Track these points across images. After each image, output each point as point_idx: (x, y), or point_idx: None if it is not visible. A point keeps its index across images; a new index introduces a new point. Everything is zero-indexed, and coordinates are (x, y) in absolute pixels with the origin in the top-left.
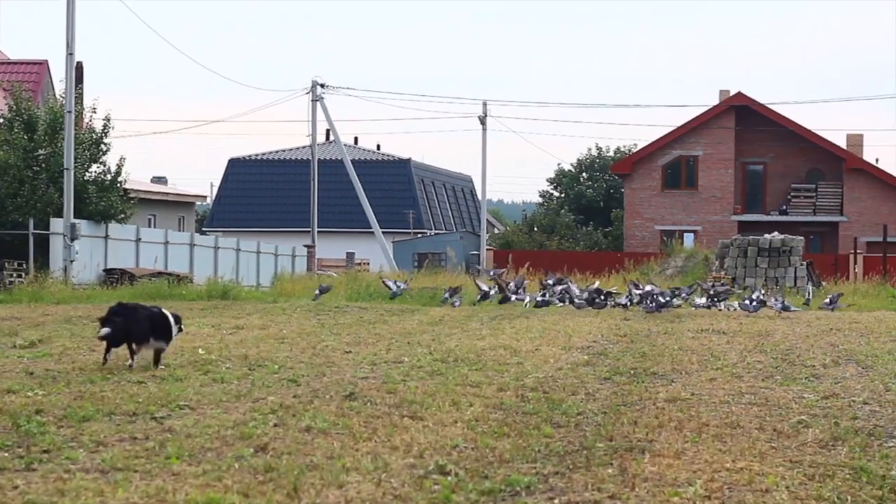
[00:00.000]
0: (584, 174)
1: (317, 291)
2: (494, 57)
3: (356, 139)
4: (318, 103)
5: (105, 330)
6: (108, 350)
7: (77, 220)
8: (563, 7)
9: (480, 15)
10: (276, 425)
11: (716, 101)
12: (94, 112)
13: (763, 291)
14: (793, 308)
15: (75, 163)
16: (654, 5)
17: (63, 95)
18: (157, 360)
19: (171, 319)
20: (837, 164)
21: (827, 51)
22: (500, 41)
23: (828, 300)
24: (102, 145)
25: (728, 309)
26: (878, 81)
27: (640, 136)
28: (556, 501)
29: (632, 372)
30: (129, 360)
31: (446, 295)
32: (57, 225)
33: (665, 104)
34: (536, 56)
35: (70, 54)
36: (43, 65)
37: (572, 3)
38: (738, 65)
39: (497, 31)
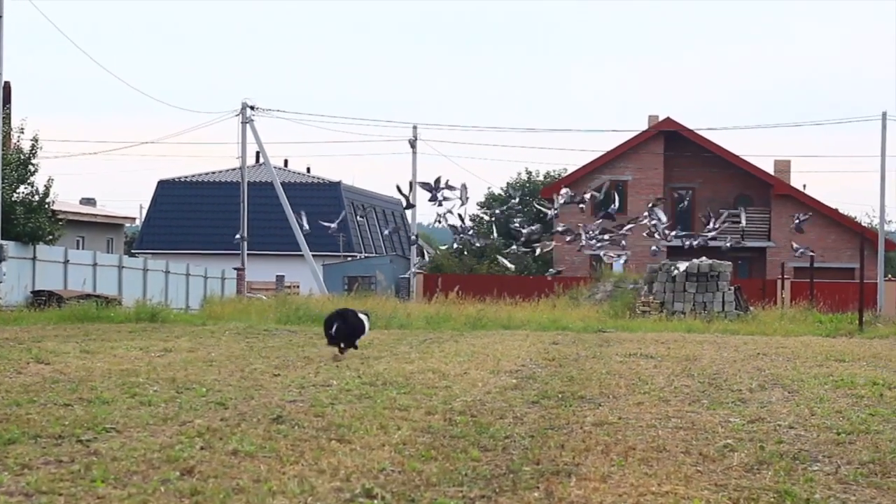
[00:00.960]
0: (514, 198)
1: None
2: (425, 80)
3: (286, 162)
4: (247, 125)
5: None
6: (338, 345)
7: (4, 242)
8: (493, 32)
9: (411, 39)
10: (202, 448)
11: (645, 127)
12: (22, 132)
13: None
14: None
15: (2, 183)
16: (583, 30)
17: None
18: (355, 346)
19: (366, 318)
20: (765, 189)
21: (755, 77)
22: (431, 65)
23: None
24: (30, 166)
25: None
26: (806, 108)
27: (569, 160)
28: None
29: (560, 396)
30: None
31: None
32: None
33: (594, 129)
34: (467, 80)
35: None
36: None
37: (501, 29)
38: (668, 90)
39: (427, 54)
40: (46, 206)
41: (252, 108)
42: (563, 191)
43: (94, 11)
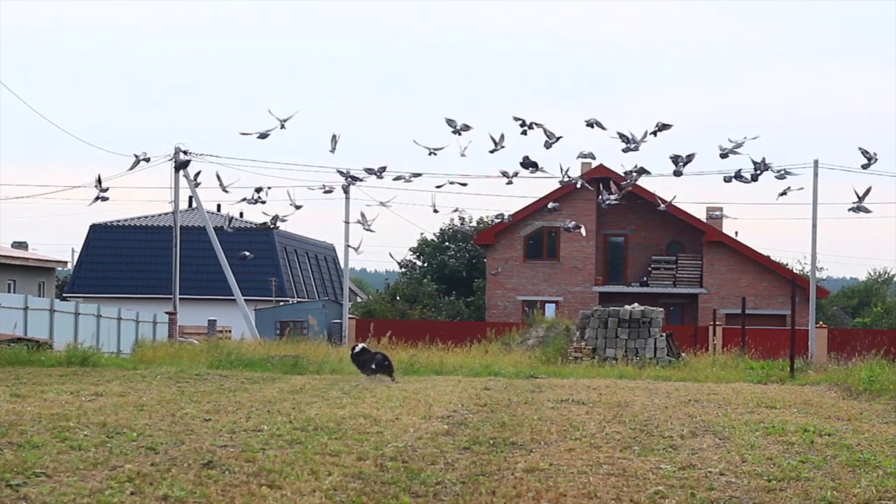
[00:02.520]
0: (447, 243)
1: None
2: (357, 126)
3: (219, 206)
4: (179, 170)
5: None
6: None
7: None
8: (425, 77)
9: (346, 86)
10: (132, 493)
11: (578, 174)
12: None
13: None
14: None
15: None
16: (514, 76)
17: None
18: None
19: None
20: (698, 236)
21: (687, 124)
22: (363, 111)
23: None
24: None
25: None
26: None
27: (503, 206)
28: None
29: (491, 442)
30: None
31: None
32: None
33: (527, 175)
34: (398, 125)
35: None
36: None
37: (433, 74)
38: (601, 137)
39: (360, 101)
40: None
41: (185, 152)
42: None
43: (26, 55)
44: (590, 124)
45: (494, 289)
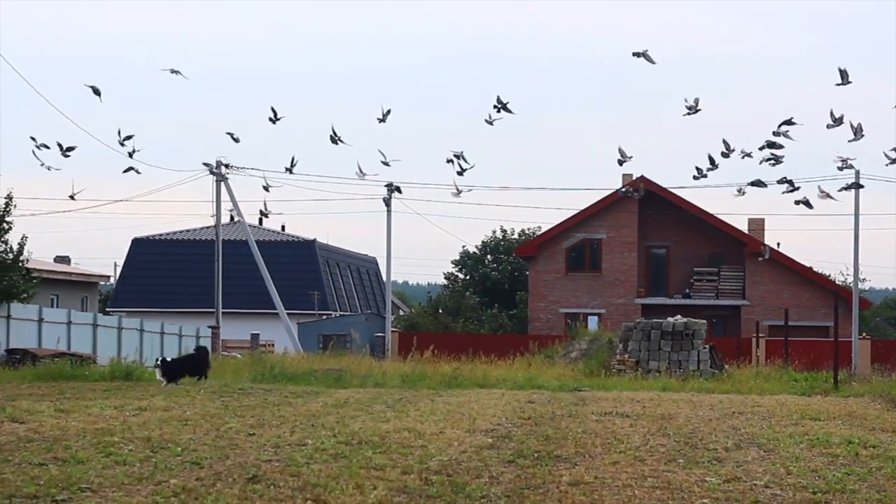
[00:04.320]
0: (488, 256)
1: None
2: (399, 138)
3: (261, 220)
4: (221, 183)
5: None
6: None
7: None
8: (465, 89)
9: (385, 96)
10: None
11: (619, 185)
12: None
13: None
14: None
15: None
16: (557, 89)
17: None
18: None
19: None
20: (739, 248)
21: (728, 136)
22: (406, 122)
23: None
24: (4, 224)
25: None
26: (781, 167)
27: (544, 218)
28: None
29: (536, 455)
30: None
31: None
32: None
33: (569, 187)
34: (440, 138)
35: None
36: None
37: (474, 87)
38: (643, 149)
39: (401, 111)
40: (20, 264)
41: (226, 165)
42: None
43: (67, 70)
44: (637, 55)
45: (537, 301)
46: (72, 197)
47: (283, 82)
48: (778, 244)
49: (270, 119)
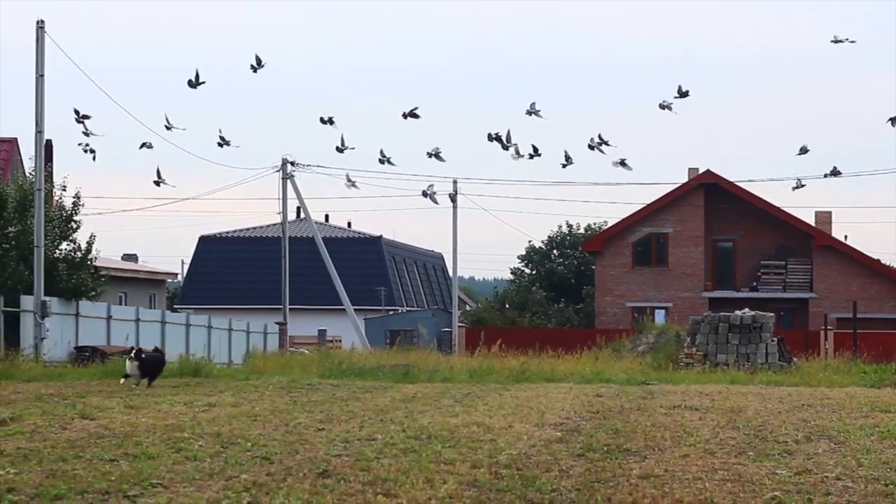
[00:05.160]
0: (554, 251)
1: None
2: (464, 134)
3: (327, 217)
4: (288, 181)
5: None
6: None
7: (48, 298)
8: (531, 84)
9: (449, 92)
10: (249, 503)
11: (685, 179)
12: (64, 190)
13: None
14: None
15: (45, 240)
16: (622, 83)
17: (32, 173)
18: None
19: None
20: (807, 241)
21: (795, 129)
22: (470, 118)
23: None
24: (72, 223)
25: None
26: (846, 160)
27: (610, 213)
28: None
29: (605, 448)
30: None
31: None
32: (27, 302)
33: (635, 182)
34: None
35: (39, 132)
36: (12, 143)
37: (541, 81)
38: (708, 142)
39: (466, 107)
40: (89, 262)
41: (292, 163)
42: None
43: (133, 68)
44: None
45: (603, 296)
46: (157, 183)
47: (349, 79)
48: (846, 237)
49: (322, 120)
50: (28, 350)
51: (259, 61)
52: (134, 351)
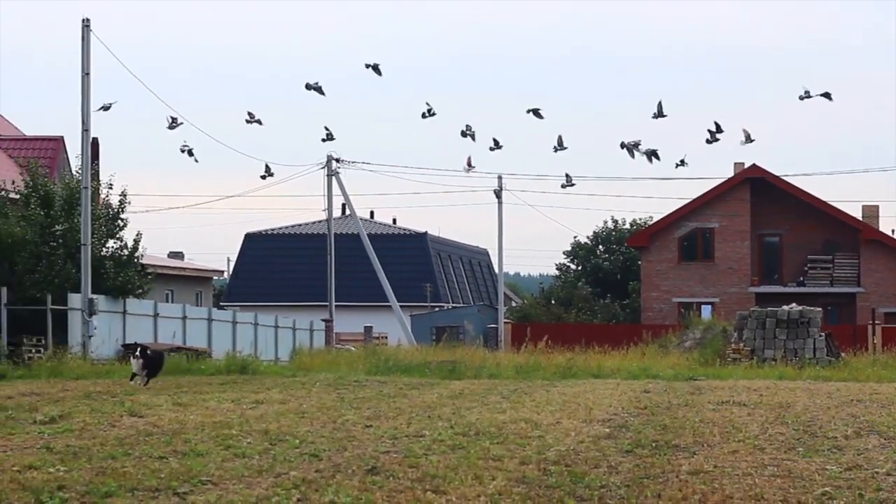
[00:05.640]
0: (600, 247)
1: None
2: (509, 130)
3: (372, 213)
4: (333, 178)
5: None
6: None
7: (95, 296)
8: (578, 79)
9: (492, 90)
10: (299, 500)
11: (731, 174)
12: (111, 188)
13: None
14: None
15: (92, 238)
16: (667, 78)
17: (79, 171)
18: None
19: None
20: (853, 235)
21: (841, 123)
22: (514, 114)
23: None
24: (119, 221)
25: None
26: (893, 153)
27: (656, 208)
28: None
29: (654, 444)
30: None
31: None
32: (75, 300)
33: (680, 177)
34: (551, 129)
35: (85, 130)
36: (59, 141)
37: (585, 76)
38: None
39: (509, 103)
40: (135, 260)
41: (337, 160)
42: None
43: (178, 67)
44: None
45: (650, 291)
46: (170, 127)
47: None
48: (893, 231)
49: (308, 86)
50: (76, 348)
51: (320, 89)
52: (139, 349)
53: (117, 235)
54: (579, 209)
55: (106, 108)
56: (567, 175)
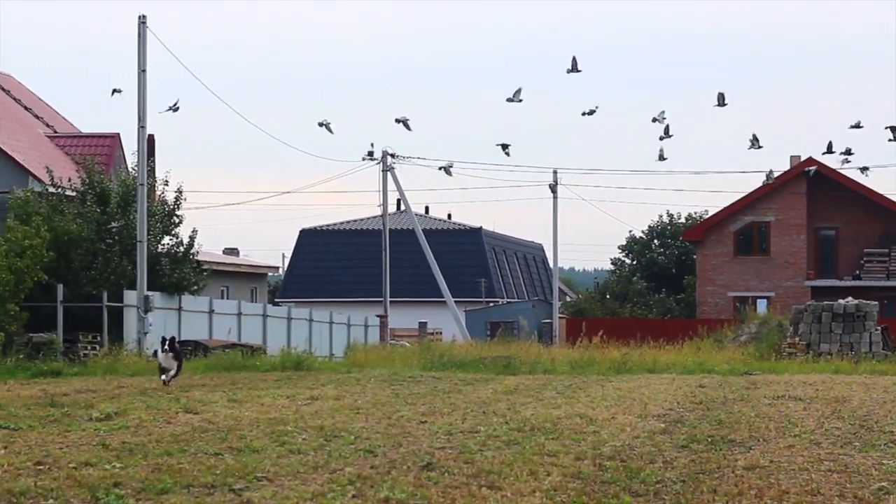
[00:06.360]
0: (655, 241)
1: None
2: (564, 124)
3: (427, 208)
4: (388, 173)
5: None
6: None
7: (150, 293)
8: (632, 74)
9: (548, 84)
10: (354, 496)
11: (787, 167)
12: (166, 184)
13: None
14: None
15: (148, 235)
16: (723, 73)
17: (135, 168)
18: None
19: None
20: None
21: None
22: (569, 109)
23: None
24: (175, 217)
25: None
26: None
27: (710, 202)
28: None
29: (709, 440)
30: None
31: None
32: (131, 297)
33: (736, 170)
34: (606, 123)
35: (142, 127)
36: (115, 138)
37: (639, 70)
38: (809, 130)
39: (565, 97)
40: (191, 256)
41: (392, 155)
42: None
43: (234, 64)
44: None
45: (705, 285)
46: (172, 110)
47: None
48: None
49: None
50: (132, 344)
51: (406, 124)
52: (168, 342)
53: (173, 232)
54: (634, 203)
55: (174, 108)
56: (573, 59)
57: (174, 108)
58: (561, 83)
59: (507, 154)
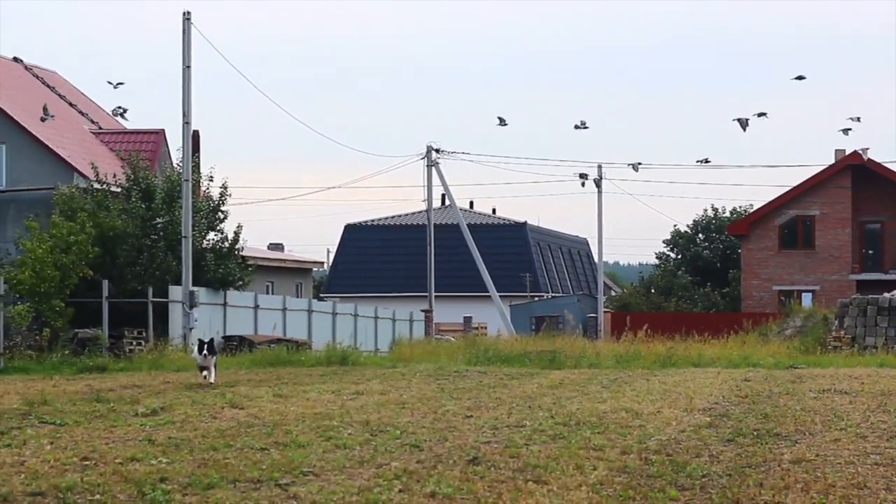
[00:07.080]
0: (700, 235)
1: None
2: (608, 118)
3: (472, 203)
4: (433, 168)
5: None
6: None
7: (196, 288)
8: (674, 69)
9: (592, 80)
10: (400, 491)
11: (832, 161)
12: (211, 180)
13: None
14: None
15: (193, 231)
16: (767, 64)
17: (180, 164)
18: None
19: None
20: None
21: None
22: (614, 102)
23: None
24: (219, 213)
25: None
26: None
27: (755, 196)
28: None
29: (755, 433)
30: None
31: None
32: (176, 293)
33: (780, 164)
34: (651, 118)
35: (186, 123)
36: (160, 134)
37: (685, 66)
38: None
39: (611, 92)
40: (236, 252)
41: (437, 150)
42: None
43: (279, 60)
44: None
45: (750, 279)
46: (115, 86)
47: (493, 63)
48: None
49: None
50: (177, 340)
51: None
52: (207, 345)
53: (218, 227)
54: (679, 197)
55: (116, 85)
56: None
57: (116, 85)
58: (602, 79)
59: (505, 124)
